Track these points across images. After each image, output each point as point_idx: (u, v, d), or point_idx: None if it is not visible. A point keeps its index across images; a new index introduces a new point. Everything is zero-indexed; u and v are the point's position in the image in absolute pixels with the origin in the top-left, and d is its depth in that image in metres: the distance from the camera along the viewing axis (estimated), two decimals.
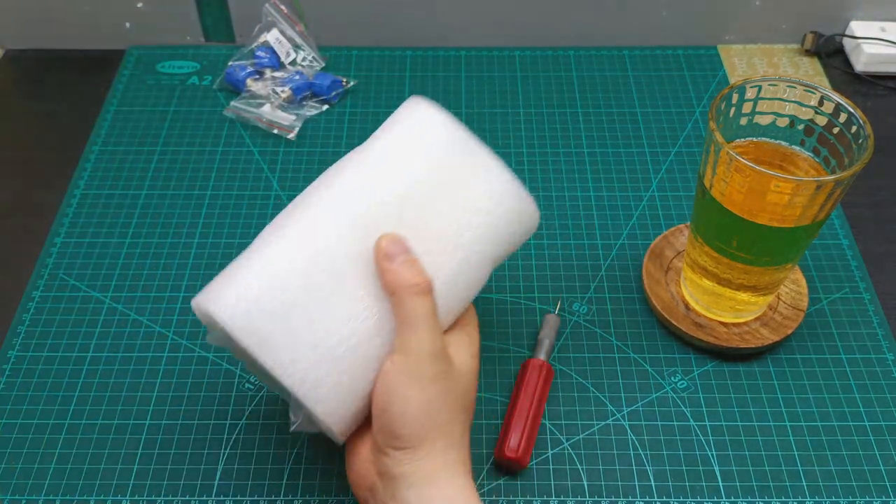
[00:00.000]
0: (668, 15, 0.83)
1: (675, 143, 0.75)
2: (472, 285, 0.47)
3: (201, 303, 0.44)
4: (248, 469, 0.53)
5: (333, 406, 0.43)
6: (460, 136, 0.47)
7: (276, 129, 0.75)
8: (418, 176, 0.46)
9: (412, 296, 0.43)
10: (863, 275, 0.64)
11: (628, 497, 0.52)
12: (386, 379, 0.43)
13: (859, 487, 0.53)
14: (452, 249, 0.46)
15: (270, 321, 0.43)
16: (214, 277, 0.46)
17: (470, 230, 0.46)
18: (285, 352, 0.43)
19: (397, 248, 0.44)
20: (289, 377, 0.42)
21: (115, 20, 0.83)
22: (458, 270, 0.46)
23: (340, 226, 0.45)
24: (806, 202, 0.49)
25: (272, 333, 0.43)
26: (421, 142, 0.47)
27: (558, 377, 0.58)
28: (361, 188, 0.46)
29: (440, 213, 0.46)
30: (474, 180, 0.47)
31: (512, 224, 0.48)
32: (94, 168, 0.72)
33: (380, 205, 0.45)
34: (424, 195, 0.46)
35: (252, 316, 0.43)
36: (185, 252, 0.66)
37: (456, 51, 0.84)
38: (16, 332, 0.61)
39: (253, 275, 0.44)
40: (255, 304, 0.43)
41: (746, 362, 0.59)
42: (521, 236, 0.50)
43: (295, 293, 0.43)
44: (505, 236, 0.48)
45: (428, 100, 0.48)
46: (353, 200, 0.45)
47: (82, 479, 0.53)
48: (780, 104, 0.53)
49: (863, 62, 0.80)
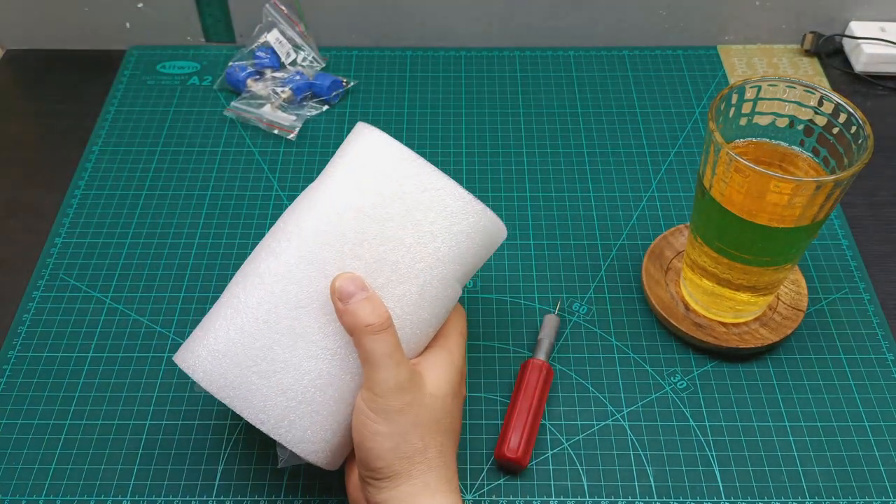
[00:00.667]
0: (668, 15, 0.83)
1: (675, 143, 0.75)
2: (439, 307, 0.47)
3: (179, 360, 0.47)
4: (248, 469, 0.53)
5: (313, 444, 0.45)
6: (407, 159, 0.47)
7: (276, 130, 0.75)
8: (367, 208, 0.46)
9: (369, 336, 0.43)
10: (862, 275, 0.64)
11: (628, 497, 0.52)
12: (357, 415, 0.44)
13: (859, 487, 0.53)
14: (412, 277, 0.46)
15: (240, 372, 0.45)
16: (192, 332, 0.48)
17: (427, 255, 0.46)
18: (256, 399, 0.44)
19: (353, 287, 0.44)
20: (263, 423, 0.45)
21: (115, 20, 0.83)
22: (420, 296, 0.46)
23: (295, 269, 0.45)
24: (805, 202, 0.49)
25: (243, 383, 0.45)
26: (367, 172, 0.47)
27: (558, 377, 0.58)
28: (314, 228, 0.46)
29: (395, 242, 0.46)
30: (426, 203, 0.46)
31: (473, 240, 0.47)
32: (94, 168, 0.72)
33: (333, 242, 0.45)
34: (377, 226, 0.46)
35: (222, 369, 0.45)
36: (185, 252, 0.66)
37: (456, 51, 0.84)
38: (16, 332, 0.61)
39: (220, 328, 0.46)
40: (224, 357, 0.45)
41: (746, 362, 0.59)
42: (488, 249, 0.49)
43: (260, 342, 0.45)
44: (467, 254, 0.48)
45: (372, 127, 0.48)
46: (308, 241, 0.46)
47: (82, 479, 0.53)
48: (780, 104, 0.53)
49: (862, 62, 0.80)
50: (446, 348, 0.48)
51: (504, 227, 0.49)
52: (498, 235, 0.49)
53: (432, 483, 0.44)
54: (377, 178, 0.46)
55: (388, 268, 0.45)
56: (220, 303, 0.47)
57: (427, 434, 0.44)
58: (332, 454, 0.46)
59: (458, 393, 0.47)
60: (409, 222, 0.46)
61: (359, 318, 0.43)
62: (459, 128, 0.76)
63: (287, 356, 0.45)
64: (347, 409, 0.45)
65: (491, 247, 0.49)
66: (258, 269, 0.46)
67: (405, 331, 0.46)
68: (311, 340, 0.45)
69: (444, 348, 0.48)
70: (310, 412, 0.45)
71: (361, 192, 0.46)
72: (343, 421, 0.46)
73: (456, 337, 0.49)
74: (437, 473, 0.44)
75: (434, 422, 0.45)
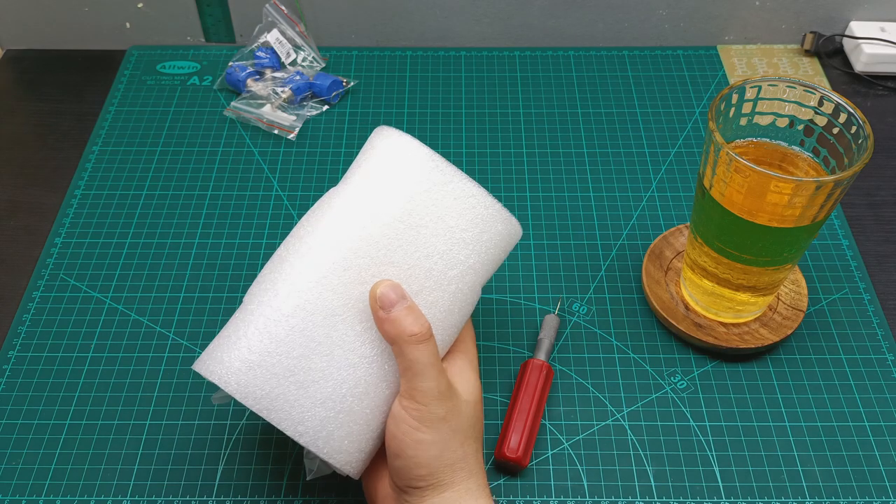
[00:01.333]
0: (668, 15, 0.83)
1: (675, 143, 0.75)
2: (466, 313, 0.47)
3: (204, 369, 0.44)
4: (248, 469, 0.53)
5: (349, 454, 0.44)
6: (438, 166, 0.46)
7: (276, 130, 0.75)
8: (400, 214, 0.45)
9: (414, 345, 0.43)
10: (862, 275, 0.64)
11: (628, 497, 0.52)
12: (397, 424, 0.43)
13: (859, 487, 0.53)
14: (445, 284, 0.46)
15: (276, 383, 0.43)
16: (214, 339, 0.46)
17: (459, 262, 0.46)
18: (294, 410, 0.43)
19: (394, 295, 0.43)
20: (301, 435, 0.43)
21: (115, 20, 0.83)
22: (451, 303, 0.46)
23: (331, 275, 0.44)
24: (805, 202, 0.49)
25: (279, 395, 0.43)
26: (398, 177, 0.46)
27: (558, 377, 0.58)
28: (348, 234, 0.45)
29: (428, 249, 0.45)
30: (458, 210, 0.46)
31: (499, 247, 0.48)
32: (94, 168, 0.72)
33: (368, 248, 0.45)
34: (411, 232, 0.45)
35: (258, 380, 0.43)
36: (185, 252, 0.66)
37: (456, 51, 0.84)
38: (16, 332, 0.61)
39: (254, 337, 0.44)
40: (259, 368, 0.43)
41: (746, 362, 0.59)
42: (506, 253, 0.50)
43: (297, 351, 0.43)
44: (493, 260, 0.48)
45: (396, 130, 0.47)
46: (340, 247, 0.45)
47: (82, 479, 0.53)
48: (780, 104, 0.53)
49: (862, 62, 0.80)
50: (465, 353, 0.48)
51: (521, 231, 0.49)
52: (516, 239, 0.49)
53: (473, 489, 0.44)
54: (409, 184, 0.46)
55: (422, 274, 0.45)
56: (246, 310, 0.45)
57: (466, 440, 0.44)
58: (365, 464, 0.46)
59: (480, 399, 0.47)
60: (442, 229, 0.46)
61: (402, 328, 0.43)
62: (459, 128, 0.76)
63: (324, 365, 0.44)
64: (381, 418, 0.45)
65: (509, 251, 0.50)
66: (289, 276, 0.45)
67: (438, 336, 0.45)
68: (349, 349, 0.44)
69: (464, 353, 0.48)
70: (348, 422, 0.44)
71: (394, 197, 0.45)
72: (377, 429, 0.45)
73: (470, 340, 0.49)
74: (477, 480, 0.44)
75: (470, 427, 0.45)
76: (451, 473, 0.43)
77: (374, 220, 0.45)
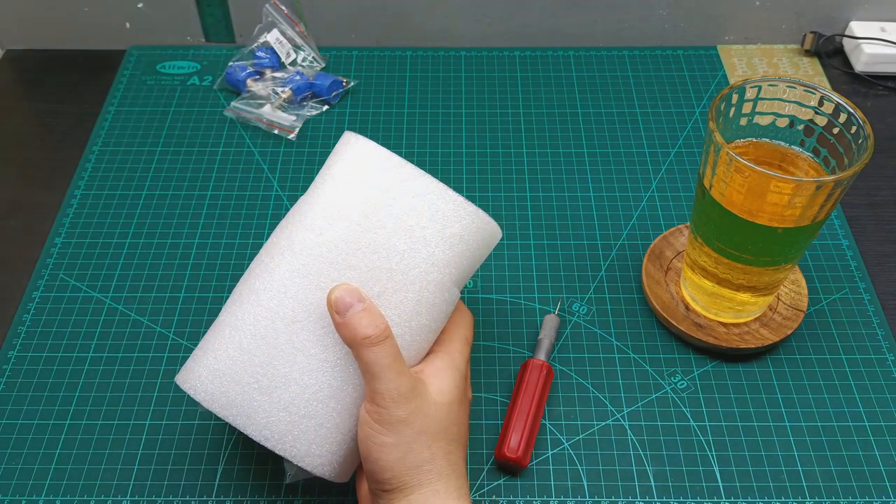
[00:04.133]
0: (668, 15, 0.83)
1: (675, 143, 0.75)
2: (438, 311, 0.47)
3: (181, 381, 0.46)
4: (248, 469, 0.53)
5: (319, 457, 0.45)
6: (395, 165, 0.46)
7: (276, 130, 0.75)
8: (357, 217, 0.45)
9: (369, 347, 0.43)
10: (862, 275, 0.64)
11: (628, 497, 0.52)
12: (362, 427, 0.44)
13: (859, 487, 0.53)
14: (408, 284, 0.45)
15: (241, 390, 0.45)
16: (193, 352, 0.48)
17: (422, 260, 0.46)
18: (259, 415, 0.44)
19: (350, 299, 0.43)
20: (267, 440, 0.44)
21: (115, 20, 0.83)
22: (417, 302, 0.46)
23: (290, 283, 0.45)
24: (806, 202, 0.49)
25: (245, 401, 0.44)
26: (355, 181, 0.46)
27: (558, 377, 0.58)
28: (304, 240, 0.46)
29: (388, 250, 0.45)
30: (417, 209, 0.46)
31: (467, 242, 0.47)
32: (94, 168, 0.72)
33: (325, 254, 0.45)
34: (368, 235, 0.45)
35: (223, 388, 0.45)
36: (185, 252, 0.66)
37: (456, 51, 0.84)
38: (16, 332, 0.61)
39: (220, 347, 0.46)
40: (224, 376, 0.45)
41: (746, 362, 0.59)
42: (483, 250, 0.49)
43: (260, 358, 0.45)
44: (462, 256, 0.47)
45: (358, 135, 0.48)
46: (299, 254, 0.45)
47: (82, 479, 0.53)
48: (780, 104, 0.53)
49: (863, 62, 0.80)
50: (448, 353, 0.47)
51: (498, 228, 0.49)
52: (493, 236, 0.49)
53: (442, 491, 0.43)
54: (365, 187, 0.46)
55: (384, 276, 0.45)
56: (217, 322, 0.47)
57: (434, 442, 0.44)
58: (340, 466, 0.46)
59: (463, 399, 0.47)
60: (401, 229, 0.45)
61: (357, 331, 0.43)
62: (459, 128, 0.76)
63: (287, 371, 0.44)
64: (352, 421, 0.45)
65: (487, 248, 0.49)
66: (254, 285, 0.46)
67: (405, 338, 0.45)
68: (311, 354, 0.45)
69: (447, 353, 0.47)
70: (314, 426, 0.44)
71: (350, 202, 0.46)
72: (348, 433, 0.45)
73: (458, 341, 0.48)
74: (447, 482, 0.44)
75: (441, 430, 0.44)
76: (418, 476, 0.43)
77: (332, 224, 0.45)
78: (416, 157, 0.73)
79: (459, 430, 0.46)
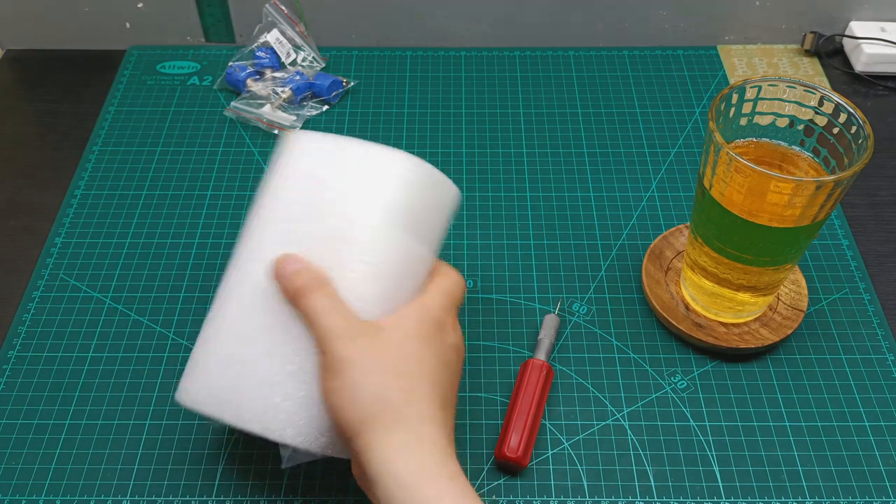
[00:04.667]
0: (668, 15, 0.83)
1: (675, 143, 0.75)
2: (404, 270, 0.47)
3: (178, 399, 0.48)
4: (248, 469, 0.53)
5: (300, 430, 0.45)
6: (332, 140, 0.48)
7: (276, 130, 0.75)
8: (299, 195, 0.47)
9: (306, 297, 0.43)
10: (863, 275, 0.64)
11: (628, 497, 0.52)
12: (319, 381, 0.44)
13: (859, 487, 0.53)
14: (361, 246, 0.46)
15: (213, 382, 0.47)
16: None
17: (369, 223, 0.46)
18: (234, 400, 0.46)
19: (288, 261, 0.45)
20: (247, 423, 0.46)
21: (115, 20, 0.83)
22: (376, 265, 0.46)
23: (242, 270, 0.48)
24: (806, 202, 0.49)
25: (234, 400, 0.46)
26: (292, 163, 0.49)
27: (558, 377, 0.58)
28: (249, 228, 0.48)
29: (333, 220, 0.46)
30: (357, 173, 0.47)
31: (416, 195, 0.48)
32: (94, 168, 0.72)
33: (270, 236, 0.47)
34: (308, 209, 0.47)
35: (198, 384, 0.47)
36: (185, 252, 0.66)
37: (456, 51, 0.84)
38: (16, 332, 0.61)
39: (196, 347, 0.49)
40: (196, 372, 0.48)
41: (746, 362, 0.59)
42: (440, 204, 0.50)
43: (226, 349, 0.47)
44: (416, 209, 0.48)
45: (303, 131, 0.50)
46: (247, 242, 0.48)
47: (82, 479, 0.53)
48: (780, 104, 0.53)
49: (863, 62, 0.80)
50: (419, 299, 0.46)
51: (447, 179, 0.49)
52: (443, 186, 0.50)
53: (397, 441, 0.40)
54: (301, 166, 0.48)
55: (336, 245, 0.46)
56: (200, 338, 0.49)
57: (387, 379, 0.41)
58: (323, 435, 0.46)
59: (431, 338, 0.44)
60: (341, 195, 0.47)
61: (294, 283, 0.44)
62: (459, 128, 0.76)
63: (253, 354, 0.46)
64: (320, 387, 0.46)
65: (443, 199, 0.50)
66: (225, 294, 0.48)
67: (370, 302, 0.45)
68: (270, 333, 0.46)
69: (417, 300, 0.46)
70: (288, 401, 0.45)
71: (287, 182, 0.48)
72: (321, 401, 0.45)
73: (434, 291, 0.47)
74: (407, 427, 0.41)
75: (392, 365, 0.42)
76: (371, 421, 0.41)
77: (274, 206, 0.48)
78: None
79: (422, 368, 0.43)
